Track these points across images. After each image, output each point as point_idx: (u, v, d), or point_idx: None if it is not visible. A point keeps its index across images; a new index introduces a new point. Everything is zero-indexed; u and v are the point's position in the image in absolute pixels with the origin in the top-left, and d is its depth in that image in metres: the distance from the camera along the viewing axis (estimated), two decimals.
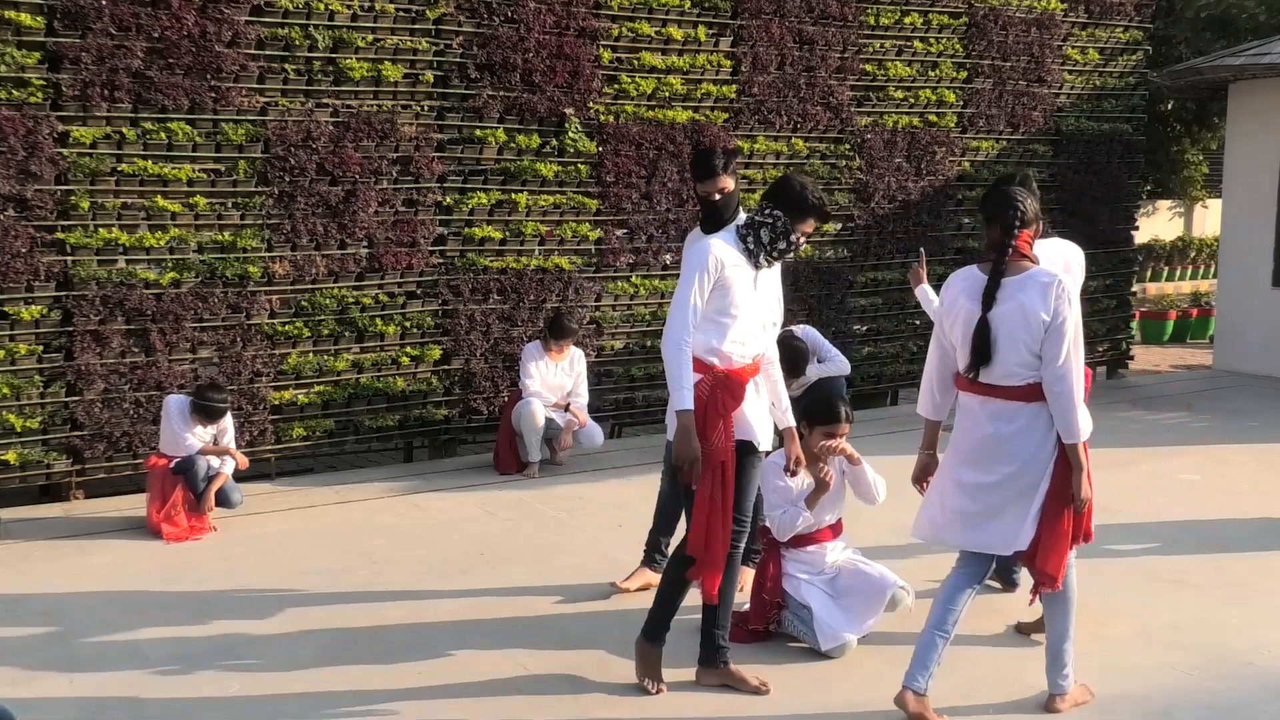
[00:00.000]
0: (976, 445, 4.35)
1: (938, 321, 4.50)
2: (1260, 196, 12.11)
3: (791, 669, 4.88)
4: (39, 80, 7.33)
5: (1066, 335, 4.18)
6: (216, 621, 5.48)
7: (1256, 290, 12.24)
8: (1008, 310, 4.21)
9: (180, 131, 7.72)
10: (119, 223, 7.63)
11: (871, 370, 10.59)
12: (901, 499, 5.74)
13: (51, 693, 4.72)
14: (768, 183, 9.90)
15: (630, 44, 9.26)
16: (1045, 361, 4.20)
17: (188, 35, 7.66)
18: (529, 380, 8.38)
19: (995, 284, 4.24)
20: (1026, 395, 4.25)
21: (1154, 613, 5.50)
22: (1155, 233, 22.63)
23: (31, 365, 7.46)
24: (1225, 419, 10.04)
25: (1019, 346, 4.21)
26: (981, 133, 10.99)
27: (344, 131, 8.20)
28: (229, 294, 7.94)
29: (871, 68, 10.32)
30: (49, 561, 6.44)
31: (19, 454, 7.42)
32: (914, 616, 5.33)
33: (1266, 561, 6.25)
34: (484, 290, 8.82)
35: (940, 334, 4.48)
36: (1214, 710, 4.52)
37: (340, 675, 4.87)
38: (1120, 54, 11.81)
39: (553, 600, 5.72)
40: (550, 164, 8.94)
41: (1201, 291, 18.07)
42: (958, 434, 4.46)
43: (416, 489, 7.96)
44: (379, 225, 8.38)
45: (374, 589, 5.93)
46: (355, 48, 8.21)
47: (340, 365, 8.37)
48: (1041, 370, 4.21)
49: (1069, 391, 4.18)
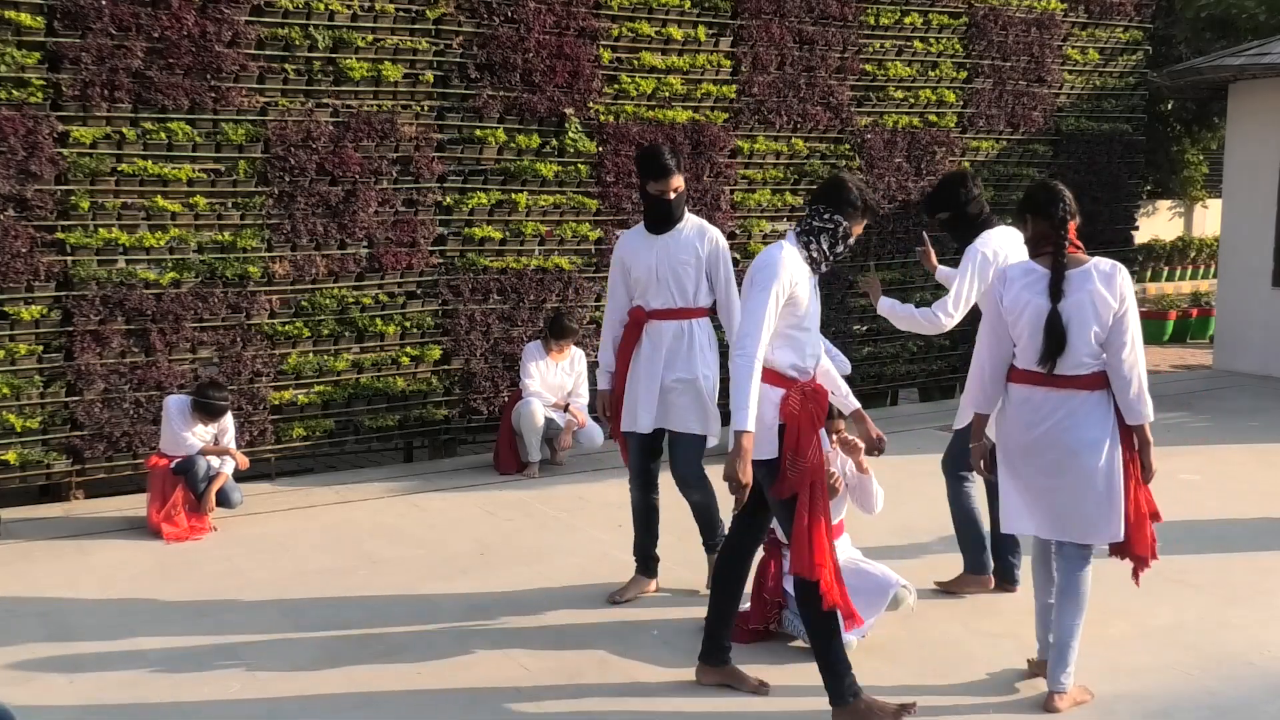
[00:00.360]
0: (1041, 436, 4.43)
1: (995, 317, 4.52)
2: (1260, 196, 12.11)
3: (791, 669, 4.87)
4: (39, 80, 7.33)
5: (1133, 321, 4.35)
6: (216, 621, 5.48)
7: (1256, 290, 12.24)
8: (1077, 301, 4.33)
9: (180, 131, 7.72)
10: (119, 223, 7.63)
11: (871, 370, 10.58)
12: (902, 500, 5.76)
13: (51, 693, 4.72)
14: (767, 182, 9.93)
15: (630, 44, 9.26)
16: (1113, 348, 4.34)
17: (188, 35, 7.66)
18: (529, 380, 8.38)
19: (1060, 276, 4.35)
20: (1092, 384, 4.38)
21: (1154, 613, 5.50)
22: (1155, 233, 22.60)
23: (31, 365, 7.46)
24: (1225, 419, 10.04)
25: (1090, 337, 4.33)
26: (981, 133, 10.99)
27: (344, 131, 8.20)
28: (229, 294, 7.94)
29: (871, 68, 10.32)
30: (49, 561, 6.43)
31: (19, 454, 7.42)
32: (915, 616, 5.34)
33: (1266, 561, 6.25)
34: (484, 290, 8.82)
35: (997, 329, 4.52)
36: (1214, 710, 4.52)
37: (340, 675, 4.88)
38: (1120, 54, 11.81)
39: (553, 600, 5.72)
40: (550, 164, 8.94)
41: (1201, 291, 18.05)
42: (1014, 427, 4.51)
43: (416, 489, 7.96)
44: (379, 225, 8.38)
45: (374, 589, 5.93)
46: (355, 48, 8.21)
47: (340, 365, 8.37)
48: (1108, 357, 4.35)
49: (1140, 376, 4.35)
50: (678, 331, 5.53)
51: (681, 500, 5.77)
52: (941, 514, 5.91)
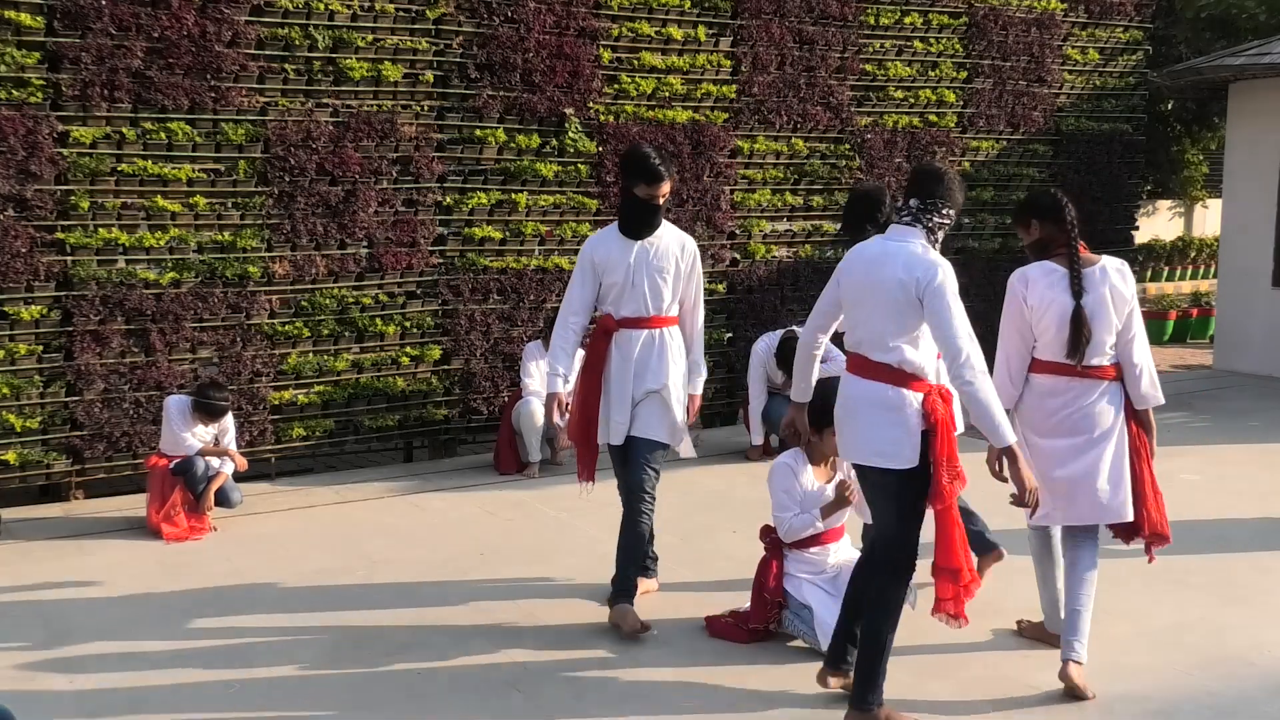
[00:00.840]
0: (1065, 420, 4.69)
1: (1018, 316, 4.74)
2: (1260, 196, 12.11)
3: (792, 669, 4.87)
4: (39, 80, 7.33)
5: (1139, 314, 4.74)
6: (216, 621, 5.48)
7: (1256, 290, 12.24)
8: (1099, 298, 4.63)
9: (180, 131, 7.72)
10: (119, 223, 7.62)
11: None
12: None
13: (51, 693, 4.72)
14: (767, 182, 9.92)
15: (630, 44, 9.26)
16: (1126, 339, 4.68)
17: (188, 35, 7.66)
18: (529, 380, 8.38)
19: (1079, 275, 4.63)
20: (1110, 373, 4.69)
21: (1154, 613, 5.50)
22: (1155, 233, 22.61)
23: (31, 365, 7.46)
24: (1225, 419, 10.04)
25: (1110, 330, 4.65)
26: (981, 133, 10.99)
27: (344, 131, 8.20)
28: (229, 294, 7.94)
29: (871, 68, 10.32)
30: (49, 561, 6.43)
31: (19, 454, 7.42)
32: (915, 617, 5.34)
33: (1266, 561, 6.25)
34: (484, 290, 8.82)
35: (1020, 327, 4.75)
36: (1214, 710, 4.52)
37: (340, 675, 4.87)
38: (1120, 54, 11.81)
39: (553, 600, 5.72)
40: (550, 164, 8.94)
41: (1201, 291, 18.06)
42: (1038, 415, 4.74)
43: (416, 489, 7.96)
44: (379, 225, 8.38)
45: (374, 589, 5.93)
46: (355, 48, 8.21)
47: (340, 365, 8.36)
48: (1121, 347, 4.68)
49: (1150, 363, 4.71)
50: (647, 340, 5.36)
51: (681, 500, 5.84)
52: None
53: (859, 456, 4.26)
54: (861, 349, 4.29)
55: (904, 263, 4.16)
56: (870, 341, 4.24)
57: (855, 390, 4.29)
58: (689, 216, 9.34)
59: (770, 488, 5.20)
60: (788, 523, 5.12)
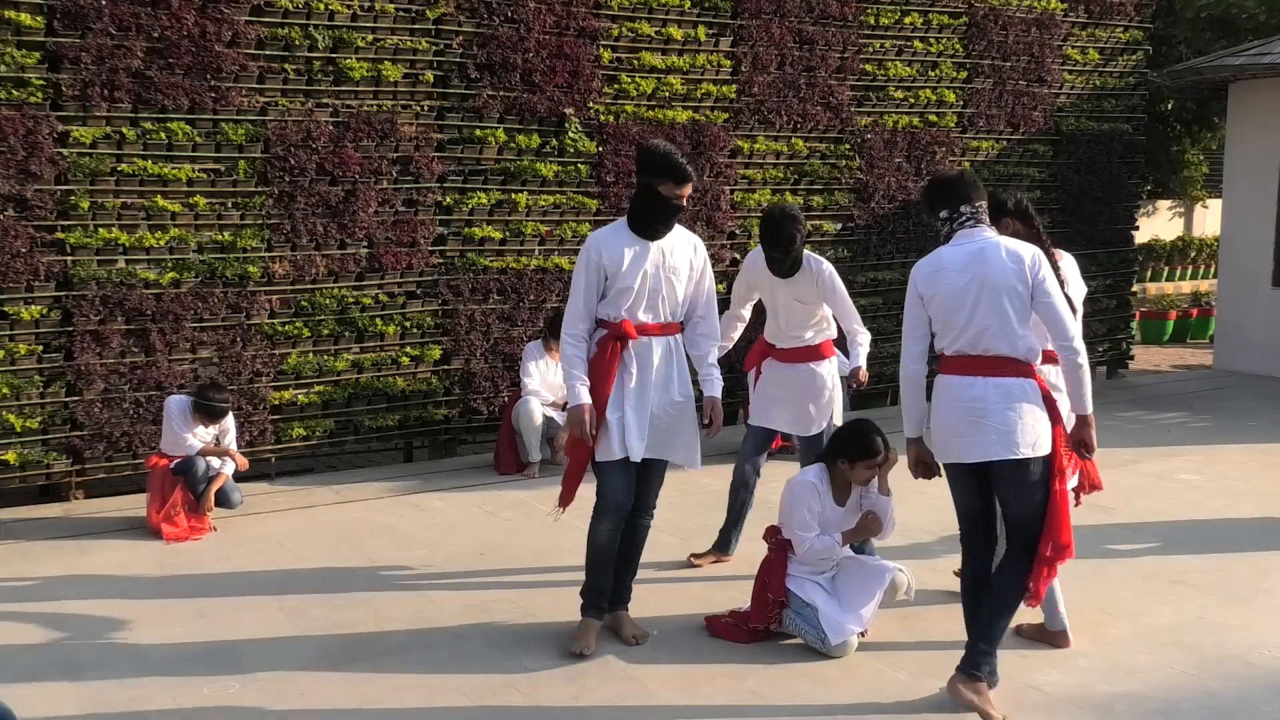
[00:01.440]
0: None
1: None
2: (1260, 196, 12.12)
3: (791, 669, 4.87)
4: (39, 80, 7.33)
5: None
6: (216, 621, 5.48)
7: (1256, 290, 12.25)
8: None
9: (180, 131, 7.72)
10: (119, 223, 7.62)
11: (871, 370, 10.55)
12: (903, 499, 5.75)
13: (51, 693, 4.72)
14: (767, 182, 9.92)
15: (630, 44, 9.26)
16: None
17: (188, 35, 7.66)
18: (529, 380, 8.38)
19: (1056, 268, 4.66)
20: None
21: (1154, 613, 5.50)
22: (1155, 233, 22.64)
23: (31, 365, 7.46)
24: (1225, 419, 10.04)
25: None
26: (981, 133, 10.99)
27: (344, 131, 8.20)
28: (229, 294, 7.94)
29: (871, 68, 10.32)
30: (49, 561, 6.43)
31: (19, 454, 7.42)
32: (915, 616, 5.34)
33: (1266, 561, 6.25)
34: (484, 290, 8.82)
35: None
36: (1214, 710, 4.52)
37: (340, 675, 4.87)
38: (1120, 54, 11.81)
39: (552, 600, 5.72)
40: (550, 164, 8.94)
41: (1201, 291, 18.08)
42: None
43: (416, 489, 7.96)
44: (379, 225, 8.38)
45: (374, 589, 5.93)
46: (355, 48, 8.21)
47: (340, 365, 8.36)
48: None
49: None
50: (666, 350, 5.06)
51: (681, 500, 5.83)
52: (942, 513, 5.91)
53: (1008, 452, 4.30)
54: (979, 348, 4.36)
55: (1006, 254, 4.36)
56: (993, 335, 4.34)
57: (982, 391, 4.34)
58: (689, 216, 9.33)
59: (790, 503, 5.18)
60: (809, 543, 5.12)
